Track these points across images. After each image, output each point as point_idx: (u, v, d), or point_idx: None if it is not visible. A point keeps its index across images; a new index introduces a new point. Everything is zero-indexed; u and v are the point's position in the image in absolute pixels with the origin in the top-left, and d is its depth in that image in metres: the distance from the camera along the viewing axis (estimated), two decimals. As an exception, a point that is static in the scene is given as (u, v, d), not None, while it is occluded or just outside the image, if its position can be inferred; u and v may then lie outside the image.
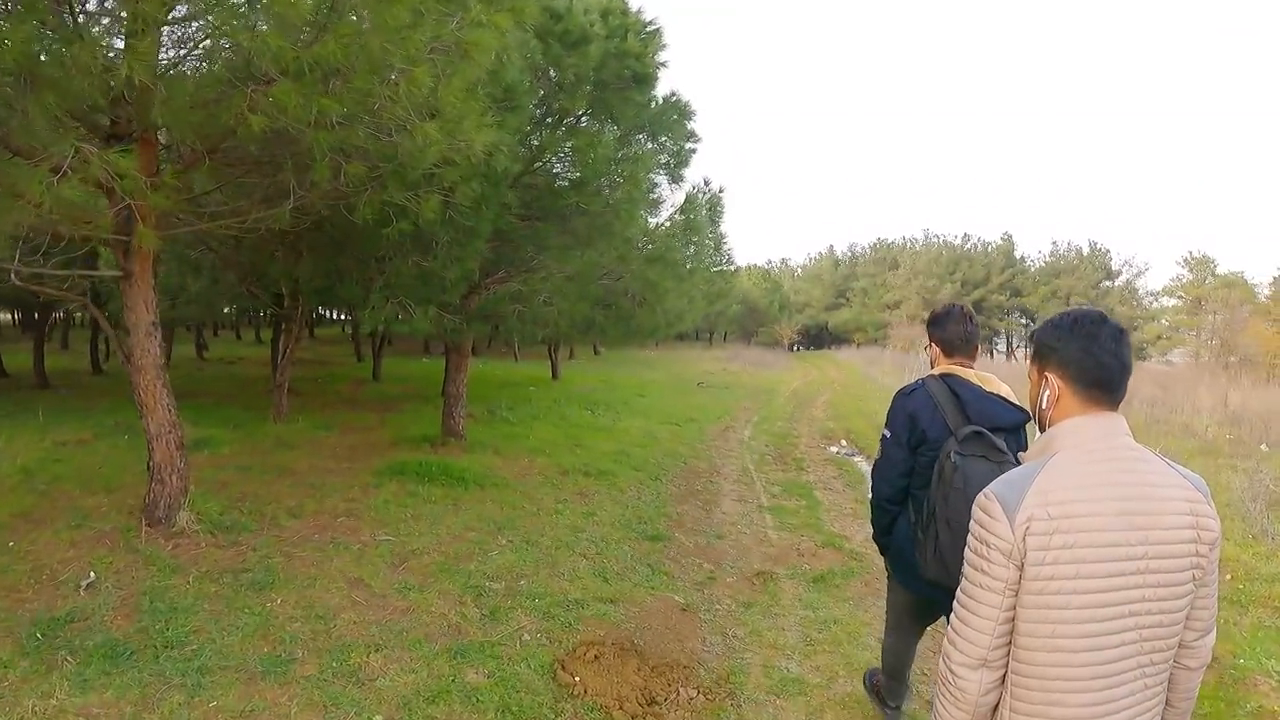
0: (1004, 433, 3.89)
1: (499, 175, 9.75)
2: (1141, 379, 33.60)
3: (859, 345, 74.85)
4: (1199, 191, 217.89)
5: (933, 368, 4.32)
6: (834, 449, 17.69)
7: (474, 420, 17.17)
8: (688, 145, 13.76)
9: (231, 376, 26.97)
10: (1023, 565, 2.25)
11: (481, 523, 9.67)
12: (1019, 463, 2.61)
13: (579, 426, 17.85)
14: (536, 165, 11.55)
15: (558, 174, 11.59)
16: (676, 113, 13.14)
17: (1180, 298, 70.08)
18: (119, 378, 21.09)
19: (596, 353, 49.72)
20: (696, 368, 44.19)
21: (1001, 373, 30.50)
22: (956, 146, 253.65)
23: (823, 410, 25.74)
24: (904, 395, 4.18)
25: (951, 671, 2.39)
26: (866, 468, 15.25)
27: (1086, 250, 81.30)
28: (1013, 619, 2.30)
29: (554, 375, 30.82)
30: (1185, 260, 69.09)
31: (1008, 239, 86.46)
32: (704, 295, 16.01)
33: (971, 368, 4.22)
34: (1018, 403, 3.98)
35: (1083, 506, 2.23)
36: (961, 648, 2.36)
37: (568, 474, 12.77)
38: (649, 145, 12.71)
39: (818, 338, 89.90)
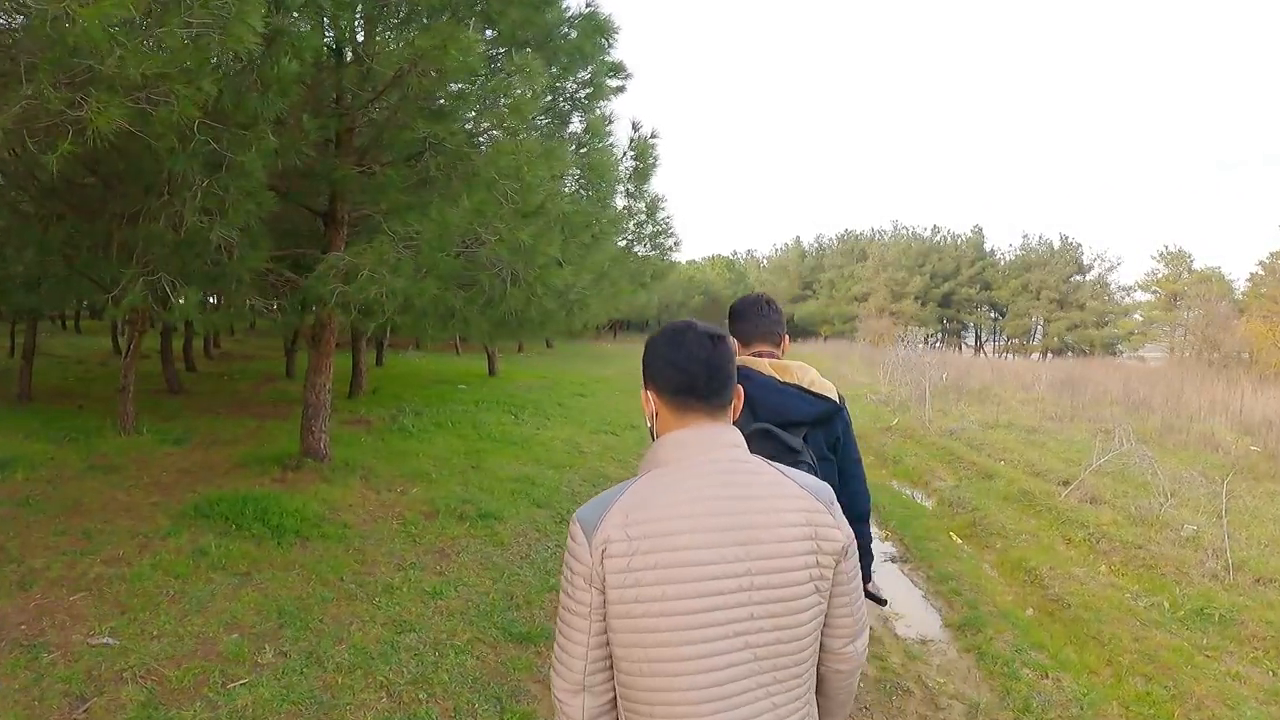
0: (802, 428, 3.29)
1: (282, 77, 6.30)
2: (1117, 375, 30.83)
3: (826, 338, 72.15)
4: (1173, 186, 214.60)
5: None
6: (801, 466, 14.94)
7: (366, 429, 14.69)
8: (608, 79, 10.38)
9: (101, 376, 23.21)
10: (604, 589, 2.06)
11: (261, 612, 6.60)
12: (815, 461, 3.06)
13: (490, 438, 14.68)
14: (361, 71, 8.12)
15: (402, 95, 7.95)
16: (592, 30, 9.70)
17: (1155, 292, 68.00)
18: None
19: (549, 345, 46.36)
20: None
21: (975, 368, 27.25)
22: (926, 137, 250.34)
23: None
24: None
25: (557, 698, 2.20)
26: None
27: (1057, 244, 79.47)
28: (607, 643, 2.12)
29: (490, 371, 27.38)
30: (1160, 254, 67.40)
31: (978, 232, 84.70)
32: (628, 276, 12.41)
33: (777, 357, 3.56)
34: (822, 392, 3.36)
35: (669, 525, 2.04)
36: (561, 673, 2.18)
37: (437, 515, 9.59)
38: (551, 71, 9.16)
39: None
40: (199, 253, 7.42)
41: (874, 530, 10.19)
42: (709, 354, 2.20)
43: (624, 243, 13.06)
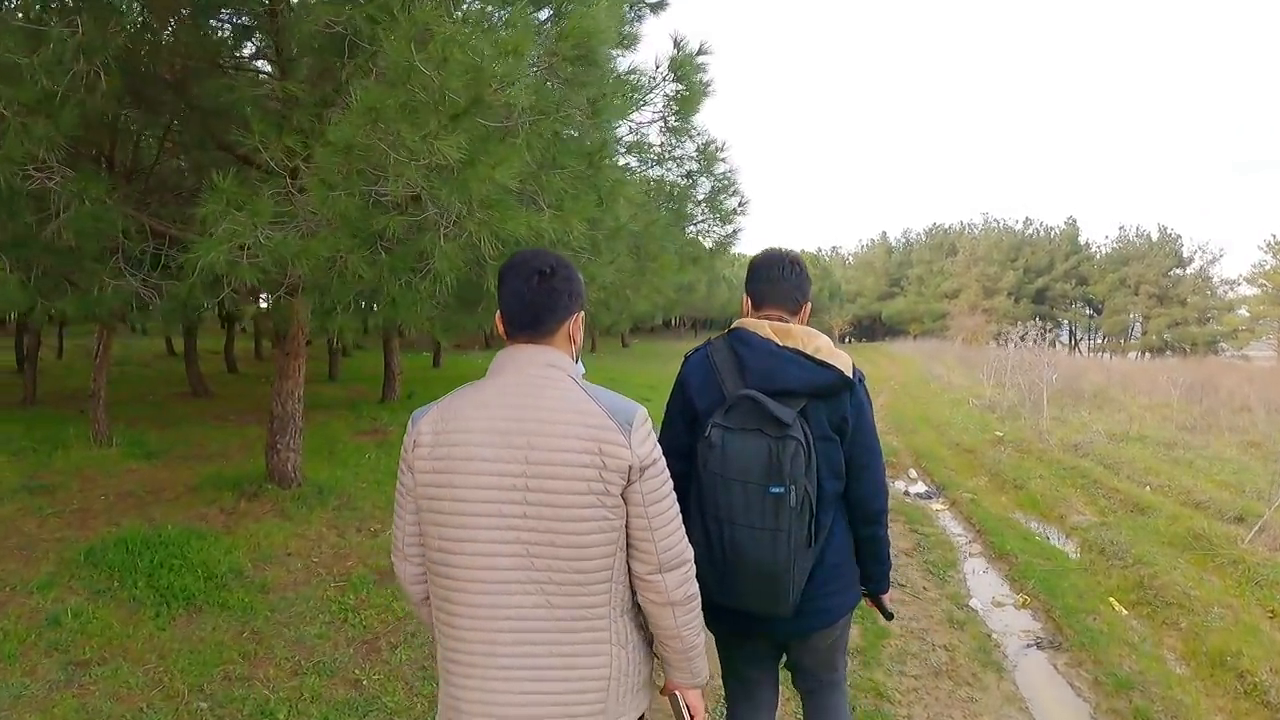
0: (799, 399, 2.85)
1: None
2: (1232, 376, 27.03)
3: (915, 337, 68.45)
4: (1276, 173, 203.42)
5: None
6: (901, 485, 12.50)
7: (378, 442, 12.53)
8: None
9: (143, 379, 21.55)
10: (414, 474, 2.34)
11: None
12: (809, 439, 2.75)
13: None
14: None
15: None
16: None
17: (1263, 286, 62.81)
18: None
19: (625, 345, 43.71)
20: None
21: (1083, 369, 23.51)
22: (1015, 125, 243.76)
23: (881, 419, 18.83)
24: (684, 360, 3.18)
25: (393, 563, 2.52)
26: (953, 523, 10.40)
27: (1156, 236, 74.44)
28: (418, 521, 2.39)
29: None
30: (1269, 245, 62.04)
31: (1072, 224, 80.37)
32: (670, 244, 9.36)
33: (788, 322, 3.10)
34: (831, 361, 2.93)
35: (463, 424, 2.29)
36: (392, 542, 2.50)
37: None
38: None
39: (870, 329, 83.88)
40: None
41: (1009, 590, 7.91)
42: (530, 289, 2.38)
43: (657, 193, 10.27)
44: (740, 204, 11.26)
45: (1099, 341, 78.27)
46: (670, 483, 2.37)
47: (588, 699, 2.32)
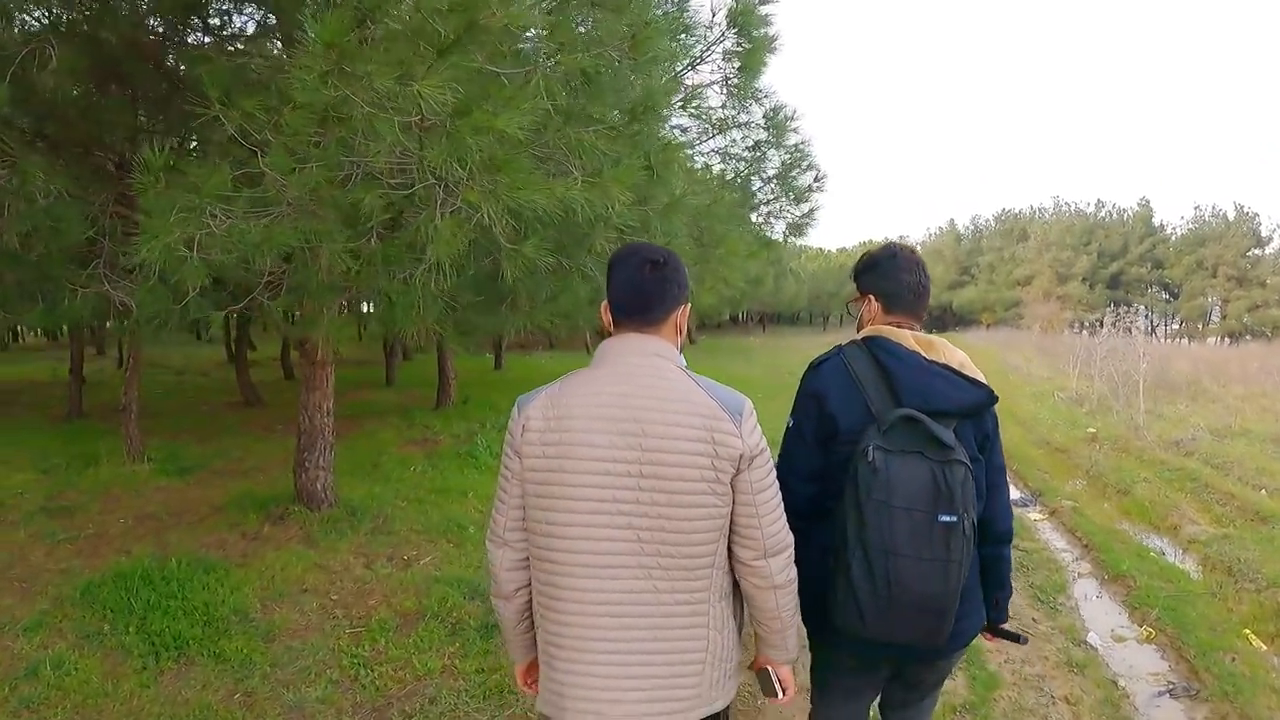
0: (952, 419, 2.67)
1: None
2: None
3: (988, 326, 66.45)
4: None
5: (859, 331, 3.02)
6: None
7: (426, 453, 11.65)
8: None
9: (198, 388, 21.07)
10: (522, 459, 2.36)
11: None
12: (969, 462, 2.56)
13: None
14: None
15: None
16: None
17: (1349, 265, 59.87)
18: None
19: (692, 341, 42.64)
20: (802, 356, 35.83)
21: (1168, 357, 21.53)
22: (1085, 105, 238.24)
23: None
24: (810, 369, 2.90)
25: (487, 550, 2.52)
26: (1056, 536, 9.20)
27: (1232, 215, 71.45)
28: (523, 506, 2.40)
29: None
30: (1355, 220, 59.03)
31: (1145, 205, 77.04)
32: (734, 225, 8.31)
33: (916, 329, 2.89)
34: (975, 376, 2.77)
35: (575, 412, 2.31)
36: (491, 529, 2.49)
37: (421, 620, 6.01)
38: None
39: (940, 319, 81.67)
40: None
41: (1128, 620, 6.76)
42: (641, 278, 2.42)
43: (721, 166, 9.19)
44: (816, 180, 10.00)
45: (1176, 327, 75.54)
46: (774, 472, 2.41)
47: (686, 681, 2.36)
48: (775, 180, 9.74)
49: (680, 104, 7.41)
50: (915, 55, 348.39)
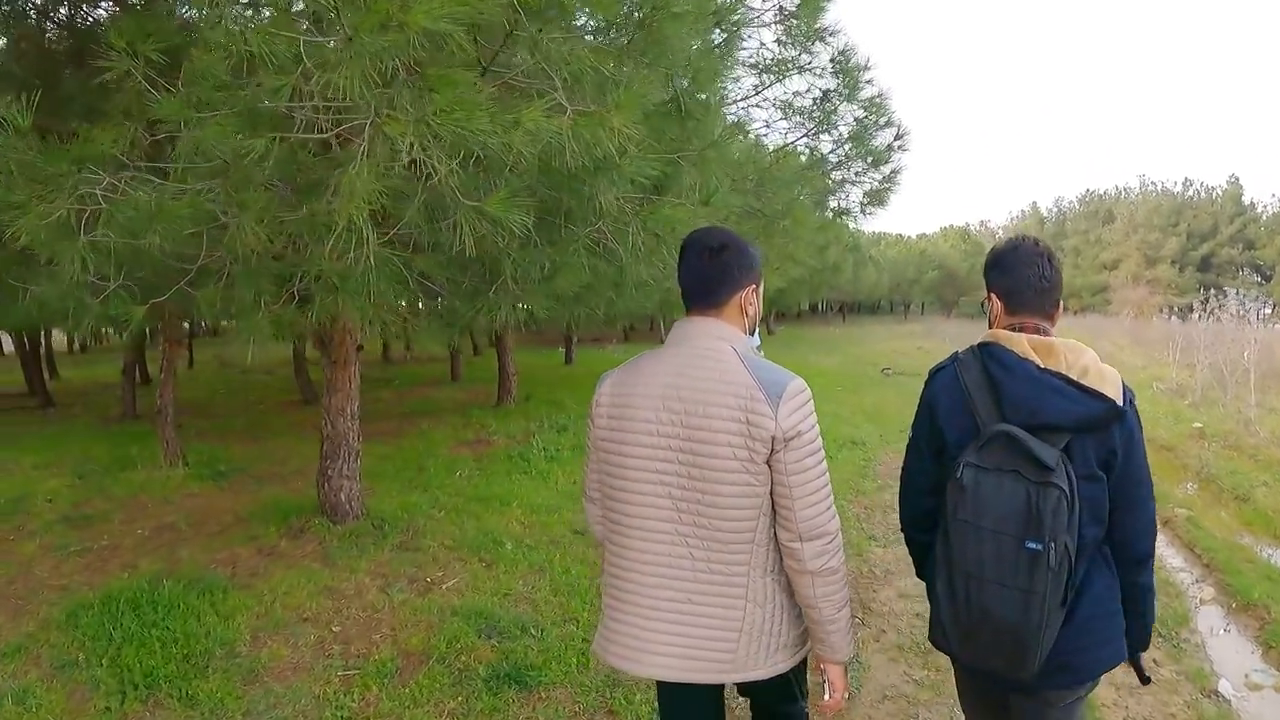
0: (1062, 434, 2.41)
1: None
2: None
3: (1075, 313, 64.07)
4: None
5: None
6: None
7: (479, 454, 10.89)
8: None
9: (262, 386, 20.55)
10: (594, 428, 2.58)
11: None
12: (1073, 484, 2.36)
13: None
14: None
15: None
16: None
17: None
18: None
19: (770, 332, 41.45)
20: (884, 347, 34.54)
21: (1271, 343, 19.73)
22: (1170, 82, 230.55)
23: None
24: (929, 377, 2.77)
25: (585, 505, 2.76)
26: (1171, 552, 7.99)
27: (1331, 191, 68.05)
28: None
29: None
30: None
31: (1234, 183, 74.12)
32: (796, 197, 7.15)
33: (1048, 332, 2.65)
34: (1096, 386, 2.42)
35: (634, 388, 2.48)
36: (584, 487, 2.73)
37: (425, 663, 5.08)
38: None
39: (1025, 307, 79.36)
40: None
41: (1263, 660, 5.63)
42: (702, 264, 2.52)
43: (783, 122, 8.05)
44: (898, 138, 8.53)
45: (1268, 311, 72.41)
46: (819, 455, 2.41)
47: (719, 646, 2.44)
48: (849, 141, 8.36)
49: (719, 27, 5.69)
50: (998, 29, 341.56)
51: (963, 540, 2.42)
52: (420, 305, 6.67)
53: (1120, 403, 2.42)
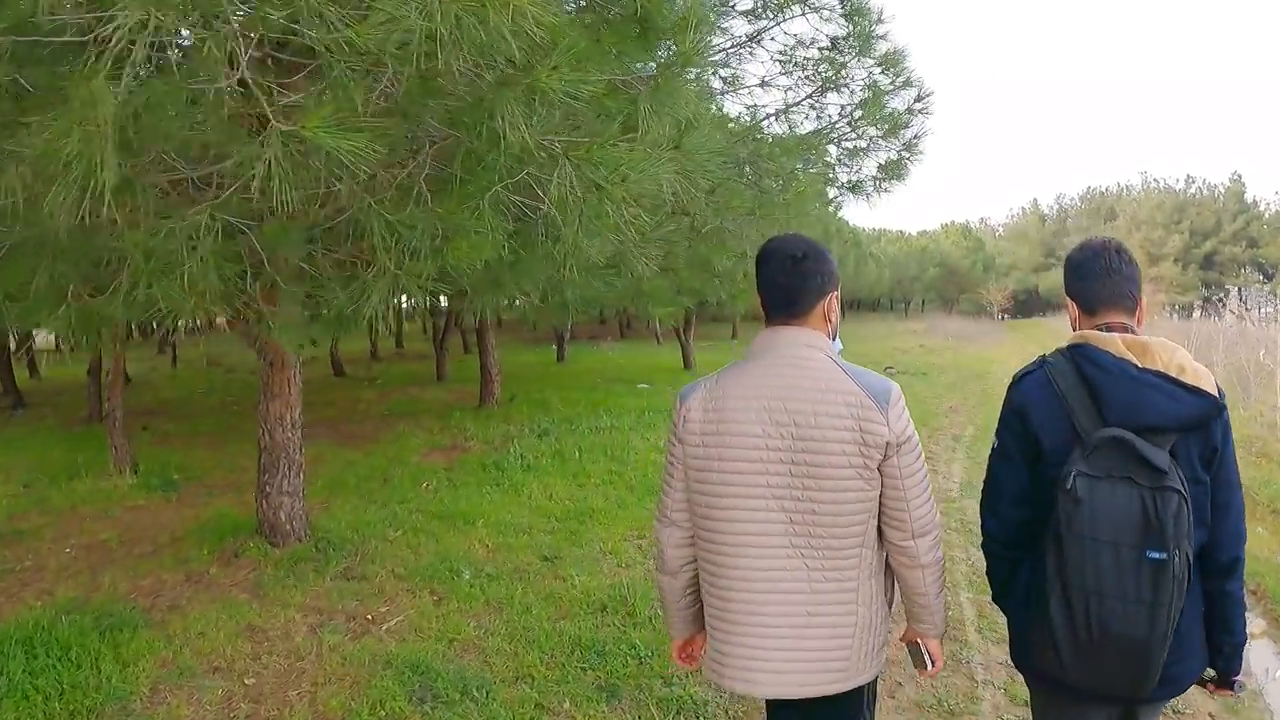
0: (1169, 435, 2.30)
1: None
2: None
3: (1077, 310, 63.34)
4: None
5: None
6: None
7: (452, 461, 10.07)
8: None
9: (245, 385, 19.75)
10: (684, 445, 2.48)
11: None
12: (1186, 486, 2.24)
13: (624, 484, 8.81)
14: None
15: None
16: None
17: None
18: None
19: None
20: (885, 345, 33.49)
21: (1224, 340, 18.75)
22: (1170, 78, 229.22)
23: None
24: (1014, 382, 2.66)
25: (655, 531, 2.63)
26: None
27: (1334, 190, 67.61)
28: (686, 488, 2.52)
29: (685, 363, 21.65)
30: None
31: (1237, 180, 73.14)
32: (816, 179, 6.55)
33: (1134, 331, 2.52)
34: (1195, 384, 2.32)
35: (733, 403, 2.40)
36: (658, 512, 2.61)
37: None
38: None
39: (1026, 304, 78.60)
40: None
41: None
42: (785, 274, 2.47)
43: (783, 75, 7.06)
44: (920, 99, 7.36)
45: (1270, 310, 71.79)
46: (922, 457, 2.42)
47: (838, 654, 2.42)
48: (862, 105, 7.21)
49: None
50: (999, 25, 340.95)
51: (1079, 554, 2.27)
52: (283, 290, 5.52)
53: (1220, 399, 2.33)
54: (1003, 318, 69.01)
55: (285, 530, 6.38)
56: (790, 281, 2.45)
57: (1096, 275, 2.56)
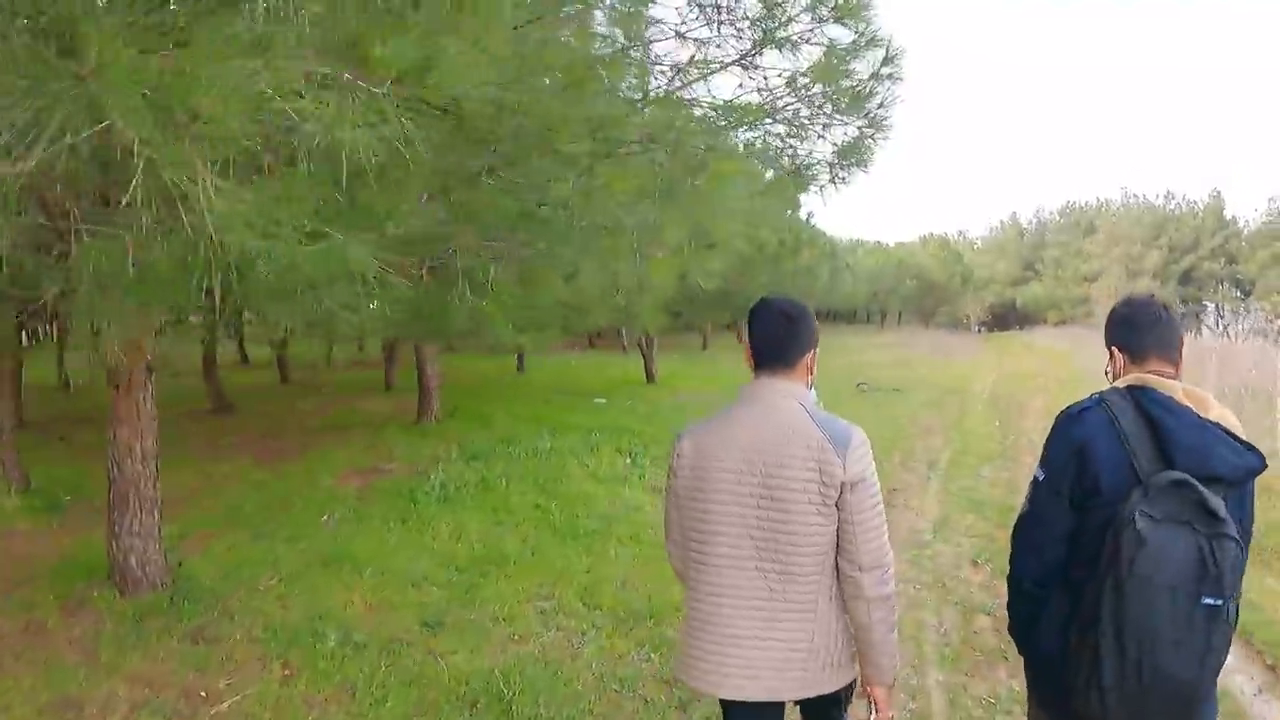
0: (1223, 486, 2.35)
1: None
2: None
3: (1054, 325, 62.87)
4: None
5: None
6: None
7: (365, 489, 9.13)
8: None
9: (173, 393, 18.86)
10: (676, 479, 2.78)
11: None
12: (1238, 538, 2.29)
13: (545, 524, 7.82)
14: None
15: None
16: None
17: None
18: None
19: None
20: (859, 359, 32.56)
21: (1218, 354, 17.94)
22: (1150, 93, 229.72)
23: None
24: (1069, 417, 2.65)
25: (666, 550, 2.96)
26: None
27: (1312, 207, 67.78)
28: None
29: (648, 376, 20.82)
30: None
31: (1216, 196, 73.05)
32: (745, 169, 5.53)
33: (1175, 379, 2.62)
34: (1244, 438, 2.45)
35: (716, 442, 2.68)
36: (666, 535, 2.93)
37: None
38: None
39: (1003, 317, 78.29)
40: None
41: None
42: (781, 331, 2.73)
43: (703, 45, 5.58)
44: (887, 61, 5.90)
45: (1246, 326, 71.82)
46: (879, 496, 2.62)
47: (793, 663, 2.64)
48: (811, 73, 5.76)
49: None
50: (976, 38, 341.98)
51: (1140, 597, 2.28)
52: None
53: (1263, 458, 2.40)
54: (979, 330, 68.76)
55: (136, 577, 5.63)
56: (784, 338, 2.71)
57: (1147, 325, 2.67)
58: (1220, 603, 2.22)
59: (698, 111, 5.45)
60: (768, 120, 6.13)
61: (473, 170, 4.34)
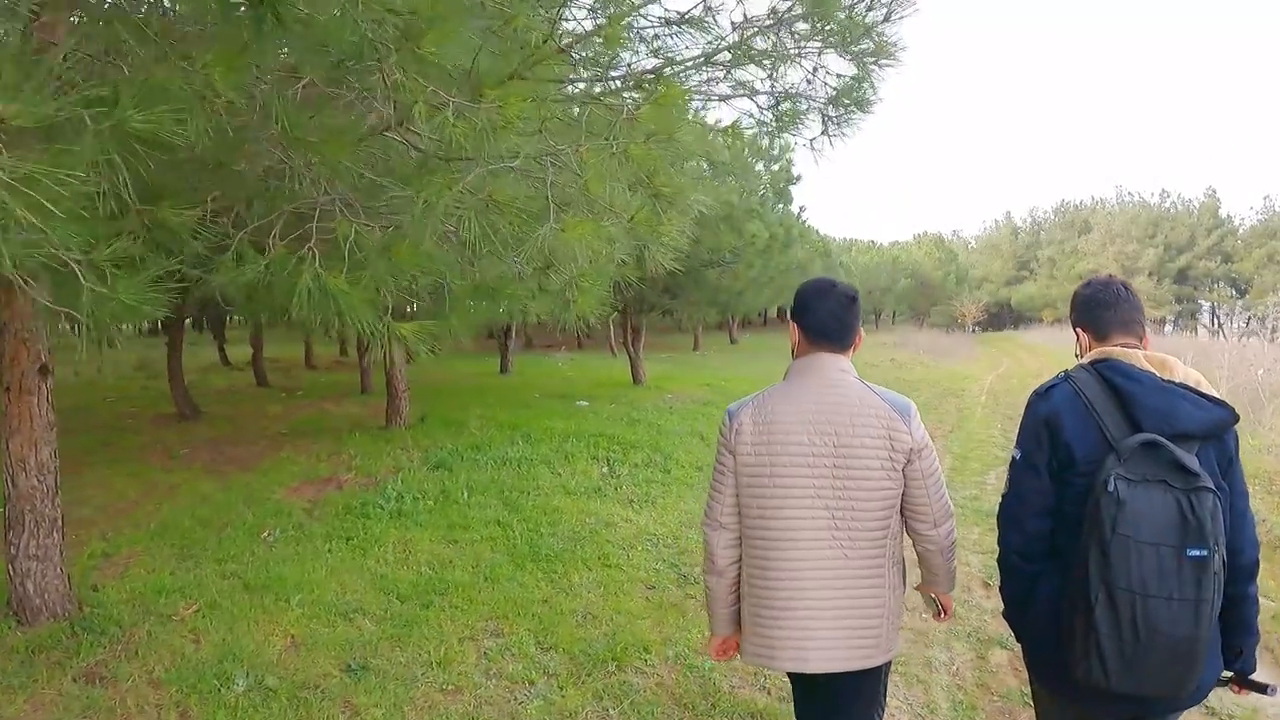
0: (1195, 441, 2.49)
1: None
2: None
3: (1050, 324, 62.40)
4: None
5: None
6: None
7: (317, 503, 8.47)
8: None
9: (146, 397, 18.18)
10: (736, 456, 2.83)
11: None
12: (1217, 489, 2.39)
13: (505, 548, 7.28)
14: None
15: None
16: None
17: None
18: None
19: (733, 341, 39.56)
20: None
21: (1212, 354, 17.31)
22: (1145, 91, 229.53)
23: None
24: (1038, 395, 2.82)
25: (704, 535, 2.95)
26: None
27: (1307, 205, 67.63)
28: (736, 494, 2.87)
29: (635, 378, 20.05)
30: None
31: (1212, 195, 73.00)
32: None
33: (1140, 349, 2.77)
34: (1213, 394, 2.61)
35: (782, 418, 2.77)
36: (708, 516, 2.94)
37: None
38: None
39: (998, 317, 77.92)
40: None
41: None
42: (844, 311, 2.86)
43: None
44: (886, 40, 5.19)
45: (1241, 325, 71.33)
46: (937, 459, 2.84)
47: (871, 632, 2.79)
48: (799, 5, 4.94)
49: None
50: (971, 38, 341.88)
51: (1124, 557, 2.33)
52: None
53: (1234, 410, 2.51)
54: (974, 330, 68.24)
55: (35, 605, 5.07)
56: (847, 319, 2.85)
57: (1108, 304, 2.82)
58: (1205, 553, 2.29)
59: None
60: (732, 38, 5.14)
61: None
